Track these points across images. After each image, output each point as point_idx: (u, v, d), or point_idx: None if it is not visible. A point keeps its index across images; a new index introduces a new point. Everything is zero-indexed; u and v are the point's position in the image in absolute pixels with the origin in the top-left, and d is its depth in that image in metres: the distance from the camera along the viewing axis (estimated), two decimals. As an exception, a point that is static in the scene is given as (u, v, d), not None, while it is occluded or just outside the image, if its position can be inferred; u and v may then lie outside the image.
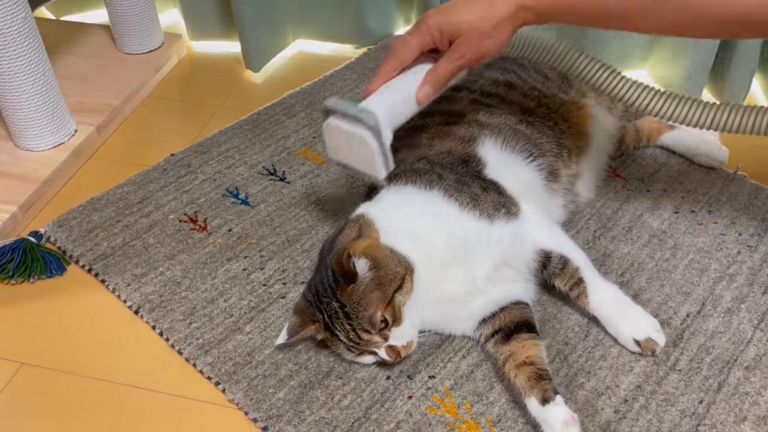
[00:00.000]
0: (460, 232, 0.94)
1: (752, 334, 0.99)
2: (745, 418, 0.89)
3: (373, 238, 0.92)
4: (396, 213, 0.96)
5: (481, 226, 0.95)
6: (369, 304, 0.89)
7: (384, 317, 0.89)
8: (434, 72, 0.96)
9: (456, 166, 1.01)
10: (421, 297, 0.92)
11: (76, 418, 0.95)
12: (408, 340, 0.92)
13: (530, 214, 1.00)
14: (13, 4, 1.21)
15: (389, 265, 0.90)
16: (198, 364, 0.99)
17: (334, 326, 0.91)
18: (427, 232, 0.94)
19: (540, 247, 0.99)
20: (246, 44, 1.60)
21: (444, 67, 0.96)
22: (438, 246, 0.93)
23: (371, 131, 0.91)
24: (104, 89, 1.51)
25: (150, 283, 1.11)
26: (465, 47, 0.94)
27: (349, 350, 0.93)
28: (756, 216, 1.17)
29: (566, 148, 1.11)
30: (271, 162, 1.34)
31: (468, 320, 0.98)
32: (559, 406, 0.86)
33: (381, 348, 0.91)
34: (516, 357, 0.92)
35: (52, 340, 1.05)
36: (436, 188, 0.96)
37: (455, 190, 0.96)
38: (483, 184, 0.99)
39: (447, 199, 0.95)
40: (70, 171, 1.36)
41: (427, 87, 0.97)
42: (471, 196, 0.96)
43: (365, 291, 0.89)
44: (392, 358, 0.91)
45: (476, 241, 0.94)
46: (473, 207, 0.95)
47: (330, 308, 0.90)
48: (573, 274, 0.98)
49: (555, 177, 1.09)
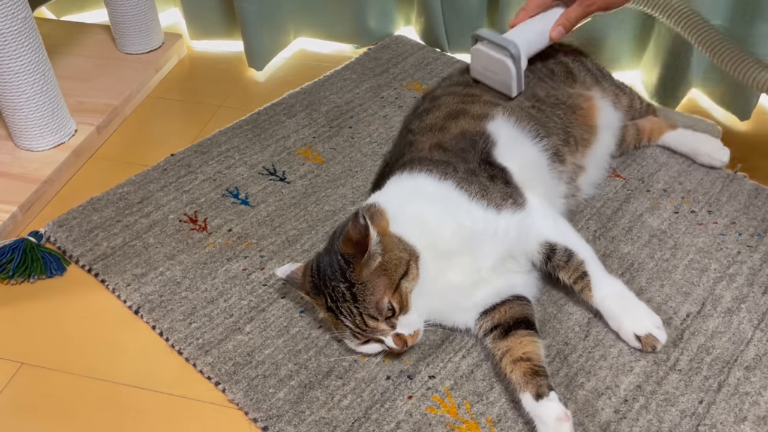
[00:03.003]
0: (468, 222, 0.95)
1: (752, 334, 0.99)
2: (745, 418, 0.89)
3: (383, 227, 0.93)
4: (407, 202, 0.97)
5: (489, 216, 0.96)
6: (376, 289, 0.89)
7: (391, 304, 0.89)
8: (567, 15, 1.14)
9: (467, 152, 1.02)
10: (427, 285, 0.93)
11: (76, 418, 0.95)
12: (415, 328, 0.92)
13: (536, 206, 1.01)
14: (13, 4, 1.21)
15: (394, 251, 0.91)
16: (198, 364, 0.99)
17: (340, 310, 0.91)
18: (436, 222, 0.95)
19: (545, 239, 0.99)
20: (249, 43, 1.61)
21: (575, 11, 1.13)
22: (445, 235, 0.94)
23: (512, 59, 1.10)
24: (104, 89, 1.51)
25: (150, 283, 1.11)
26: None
27: (355, 337, 0.93)
28: (756, 216, 1.17)
29: (573, 137, 1.13)
30: (271, 162, 1.34)
31: (471, 310, 0.99)
32: (552, 401, 0.86)
33: (388, 336, 0.91)
34: (513, 353, 0.92)
35: (52, 340, 1.05)
36: (449, 179, 0.98)
37: (466, 181, 0.98)
38: (491, 172, 1.00)
39: (458, 190, 0.97)
40: (70, 171, 1.36)
41: (560, 27, 1.14)
42: (480, 186, 0.98)
43: (373, 275, 0.89)
44: (399, 347, 0.91)
45: (483, 231, 0.95)
46: (482, 197, 0.96)
47: (337, 291, 0.90)
48: (577, 267, 0.99)
49: (560, 160, 1.10)
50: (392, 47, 1.66)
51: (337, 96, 1.51)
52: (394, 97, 1.50)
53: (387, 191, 1.01)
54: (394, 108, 1.47)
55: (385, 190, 1.02)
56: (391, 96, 1.50)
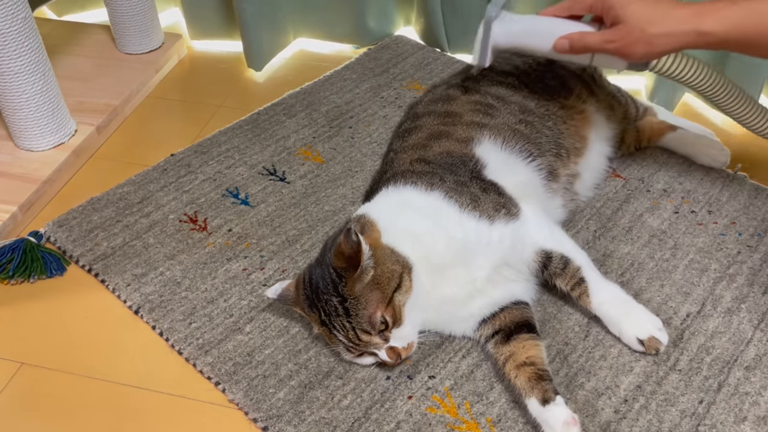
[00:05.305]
0: (460, 234, 0.94)
1: (752, 334, 0.99)
2: (745, 418, 0.89)
3: (374, 238, 0.92)
4: (397, 214, 0.96)
5: (482, 227, 0.94)
6: (369, 303, 0.88)
7: (384, 318, 0.89)
8: (582, 37, 0.98)
9: (455, 166, 1.01)
10: (421, 298, 0.92)
11: (76, 418, 0.95)
12: (408, 341, 0.92)
13: (530, 215, 1.00)
14: (13, 4, 1.21)
15: (387, 264, 0.90)
16: (198, 364, 0.99)
17: (333, 325, 0.91)
18: (428, 235, 0.94)
19: (541, 247, 0.99)
20: (248, 43, 1.61)
21: (592, 40, 0.97)
22: (438, 248, 0.93)
23: (484, 23, 1.03)
24: (104, 89, 1.51)
25: (150, 283, 1.11)
26: (620, 38, 0.94)
27: (348, 351, 0.93)
28: (756, 216, 1.17)
29: (565, 149, 1.11)
30: (271, 162, 1.34)
31: (468, 321, 0.98)
32: (559, 406, 0.86)
33: (381, 349, 0.91)
34: (516, 357, 0.92)
35: (52, 340, 1.05)
36: (437, 190, 0.96)
37: (455, 191, 0.96)
38: (483, 185, 0.99)
39: (447, 201, 0.95)
40: (70, 171, 1.36)
41: (567, 43, 0.99)
42: (471, 197, 0.96)
43: (365, 289, 0.88)
44: (392, 360, 0.91)
45: (476, 242, 0.94)
46: (473, 208, 0.95)
47: (329, 305, 0.90)
48: (574, 274, 0.98)
49: (554, 177, 1.09)
50: (392, 47, 1.66)
51: (337, 96, 1.51)
52: (394, 97, 1.50)
53: (376, 203, 1.00)
54: (394, 108, 1.47)
55: (374, 202, 1.01)
56: (391, 96, 1.50)
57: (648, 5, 0.92)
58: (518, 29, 1.04)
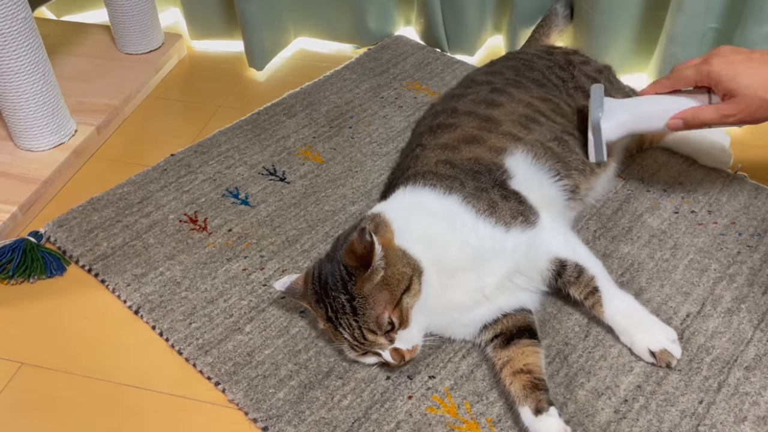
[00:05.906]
0: (474, 240, 0.93)
1: (752, 334, 0.99)
2: (745, 418, 0.89)
3: (387, 239, 0.92)
4: (412, 216, 0.95)
5: (497, 234, 0.94)
6: (377, 304, 0.88)
7: (391, 319, 0.88)
8: (696, 113, 1.00)
9: (480, 174, 1.00)
10: (429, 302, 0.91)
11: (76, 418, 0.95)
12: (413, 344, 0.91)
13: (548, 222, 0.99)
14: (13, 4, 1.21)
15: (397, 265, 0.89)
16: (198, 364, 0.99)
17: (339, 322, 0.90)
18: (442, 239, 0.93)
19: (555, 255, 0.98)
20: (249, 43, 1.61)
21: (708, 115, 0.99)
22: (451, 252, 0.93)
23: (592, 124, 1.06)
24: (104, 89, 1.51)
25: (150, 283, 1.11)
26: (740, 111, 0.95)
27: (353, 349, 0.92)
28: (756, 216, 1.17)
29: (590, 165, 1.12)
30: (271, 162, 1.34)
31: (469, 326, 0.97)
32: (552, 417, 0.85)
33: (386, 350, 0.90)
34: (514, 363, 0.91)
35: (52, 340, 1.05)
36: (455, 194, 0.96)
37: (473, 197, 0.96)
38: (504, 193, 0.99)
39: (464, 206, 0.95)
40: (70, 171, 1.36)
41: (681, 122, 1.02)
42: (489, 203, 0.96)
43: (374, 289, 0.88)
44: (396, 361, 0.91)
45: (490, 249, 0.93)
46: (490, 214, 0.95)
47: (337, 302, 0.89)
48: (588, 283, 0.97)
49: (575, 193, 1.09)
50: (392, 47, 1.66)
51: (337, 96, 1.51)
52: (394, 97, 1.50)
53: (392, 203, 1.00)
54: (394, 108, 1.47)
55: (390, 201, 1.00)
56: (391, 96, 1.50)
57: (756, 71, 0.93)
58: (626, 118, 1.07)
